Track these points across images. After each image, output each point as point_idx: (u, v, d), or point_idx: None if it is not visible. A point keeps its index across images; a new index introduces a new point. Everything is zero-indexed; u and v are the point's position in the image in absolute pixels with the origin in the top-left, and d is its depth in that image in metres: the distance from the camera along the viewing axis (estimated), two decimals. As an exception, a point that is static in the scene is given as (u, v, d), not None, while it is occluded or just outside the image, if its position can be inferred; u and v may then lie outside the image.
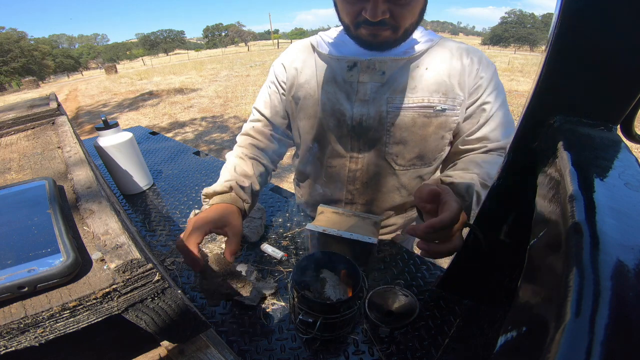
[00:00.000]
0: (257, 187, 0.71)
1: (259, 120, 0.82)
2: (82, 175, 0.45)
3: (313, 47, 0.74)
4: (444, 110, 0.68)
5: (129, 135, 0.98)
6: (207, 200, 0.65)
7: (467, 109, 0.69)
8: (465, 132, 0.70)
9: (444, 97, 0.67)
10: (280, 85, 0.78)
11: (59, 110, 0.73)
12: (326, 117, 0.73)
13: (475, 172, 0.62)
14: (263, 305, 0.63)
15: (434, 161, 0.76)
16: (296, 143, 0.86)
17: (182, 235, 0.54)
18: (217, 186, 0.65)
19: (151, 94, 9.17)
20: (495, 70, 0.69)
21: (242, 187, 0.66)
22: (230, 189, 0.65)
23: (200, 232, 0.54)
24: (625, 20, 0.30)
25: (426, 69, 0.67)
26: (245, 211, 0.66)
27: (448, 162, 0.77)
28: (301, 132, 0.79)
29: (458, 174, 0.62)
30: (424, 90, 0.67)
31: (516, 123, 0.40)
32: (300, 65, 0.75)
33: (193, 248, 0.52)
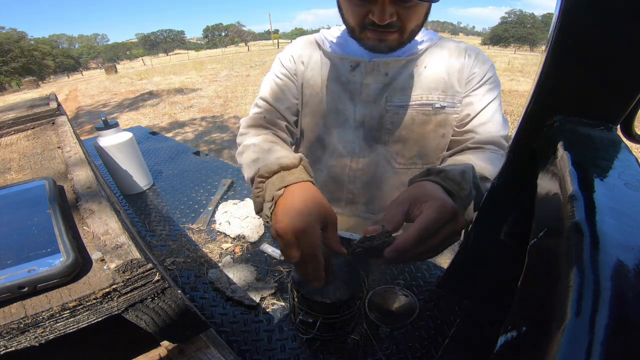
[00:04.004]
0: None
1: (269, 111, 0.75)
2: (82, 175, 0.45)
3: (318, 44, 0.73)
4: (443, 107, 0.67)
5: (129, 135, 0.98)
6: (262, 181, 0.49)
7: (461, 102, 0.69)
8: (456, 123, 0.70)
9: (443, 94, 0.67)
10: (293, 77, 0.75)
11: (59, 110, 0.73)
12: (330, 115, 0.72)
13: (469, 160, 0.59)
14: (263, 305, 0.63)
15: (435, 160, 0.76)
16: (297, 140, 0.84)
17: (287, 250, 0.42)
18: (280, 159, 0.49)
19: (151, 94, 9.17)
20: (492, 66, 0.69)
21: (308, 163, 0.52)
22: (300, 160, 0.50)
23: (317, 233, 0.43)
24: (624, 20, 0.30)
25: (425, 67, 0.67)
26: None
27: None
28: (305, 129, 0.78)
29: (449, 163, 0.60)
30: (423, 88, 0.67)
31: (516, 123, 0.40)
32: (307, 60, 0.73)
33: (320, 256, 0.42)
